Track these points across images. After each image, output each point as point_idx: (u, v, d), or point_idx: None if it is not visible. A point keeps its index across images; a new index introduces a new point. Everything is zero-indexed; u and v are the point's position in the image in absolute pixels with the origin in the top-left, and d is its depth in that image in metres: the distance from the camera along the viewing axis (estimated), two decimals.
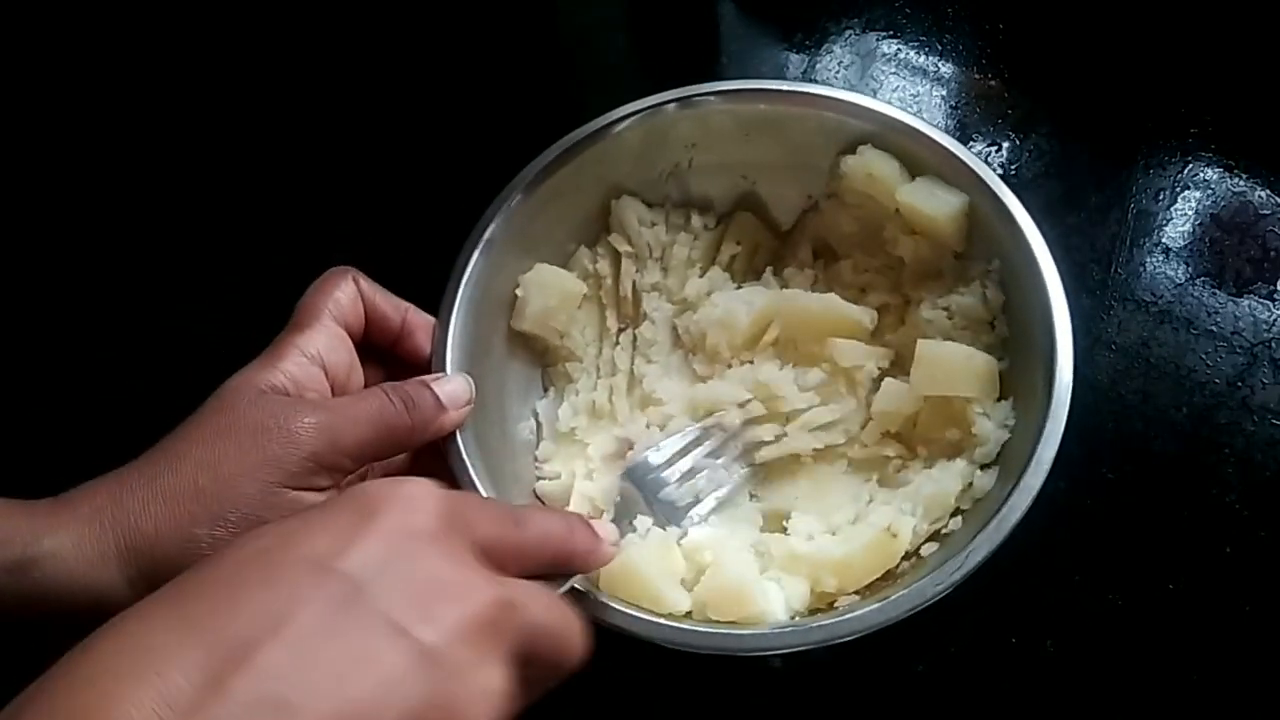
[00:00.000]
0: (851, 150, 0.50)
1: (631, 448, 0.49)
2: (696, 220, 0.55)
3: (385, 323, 0.45)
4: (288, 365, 0.40)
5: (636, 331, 0.53)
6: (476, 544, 0.31)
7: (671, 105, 0.51)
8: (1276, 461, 0.51)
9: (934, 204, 0.48)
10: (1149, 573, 0.49)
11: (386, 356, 0.46)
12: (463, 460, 0.43)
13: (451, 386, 0.43)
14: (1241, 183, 0.60)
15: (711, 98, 0.51)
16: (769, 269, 0.54)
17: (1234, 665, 0.47)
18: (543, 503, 0.49)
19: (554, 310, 0.51)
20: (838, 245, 0.54)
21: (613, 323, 0.54)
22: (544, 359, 0.54)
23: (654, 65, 0.72)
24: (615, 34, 0.73)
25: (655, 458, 0.48)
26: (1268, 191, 0.60)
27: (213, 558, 0.28)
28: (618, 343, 0.53)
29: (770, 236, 0.56)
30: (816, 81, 0.66)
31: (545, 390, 0.53)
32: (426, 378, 0.43)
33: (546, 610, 0.31)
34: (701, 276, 0.54)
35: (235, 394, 0.38)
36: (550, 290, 0.51)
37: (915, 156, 0.49)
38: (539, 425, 0.52)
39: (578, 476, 0.49)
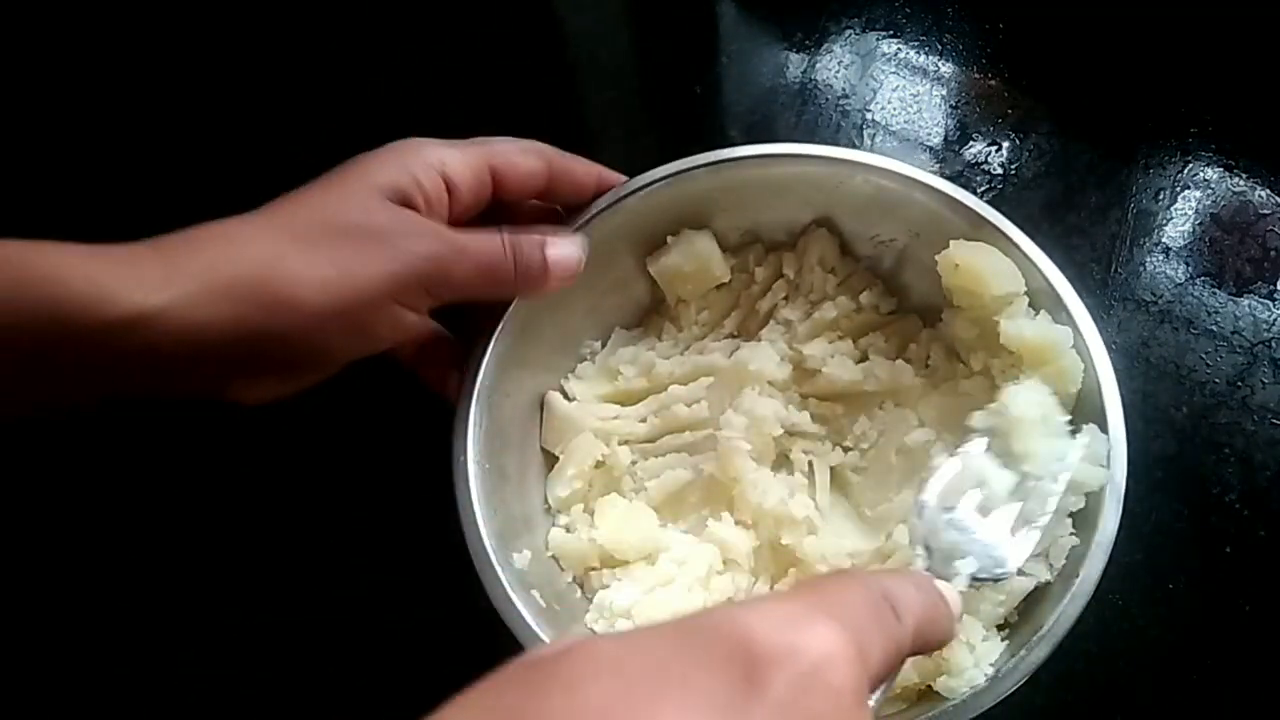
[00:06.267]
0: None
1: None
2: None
3: (577, 187, 0.46)
4: (415, 168, 0.40)
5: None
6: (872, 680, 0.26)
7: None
8: (1276, 461, 0.51)
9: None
10: (1149, 573, 0.49)
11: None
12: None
13: (562, 251, 0.44)
14: (1241, 183, 0.60)
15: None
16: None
17: (1234, 665, 0.47)
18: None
19: (686, 274, 0.50)
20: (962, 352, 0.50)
21: (731, 324, 0.53)
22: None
23: (654, 65, 0.72)
24: (615, 34, 0.73)
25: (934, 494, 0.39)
26: (1268, 191, 0.60)
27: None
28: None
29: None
30: (817, 82, 0.66)
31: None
32: (545, 231, 0.43)
33: None
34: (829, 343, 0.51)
35: (371, 196, 0.39)
36: (695, 256, 0.50)
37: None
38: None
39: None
